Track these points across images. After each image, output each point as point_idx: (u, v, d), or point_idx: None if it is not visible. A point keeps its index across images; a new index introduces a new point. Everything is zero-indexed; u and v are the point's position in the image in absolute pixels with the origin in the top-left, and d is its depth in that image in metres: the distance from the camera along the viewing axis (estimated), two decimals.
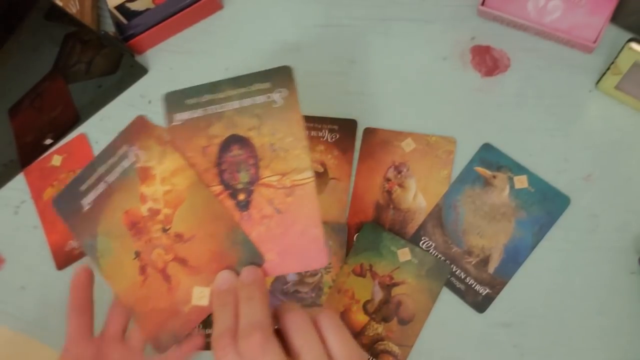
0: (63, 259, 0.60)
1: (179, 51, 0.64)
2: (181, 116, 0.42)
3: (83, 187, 0.42)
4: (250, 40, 0.62)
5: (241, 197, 0.40)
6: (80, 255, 0.60)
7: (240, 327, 0.35)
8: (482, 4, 0.55)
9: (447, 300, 0.52)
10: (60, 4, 0.57)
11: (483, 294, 0.52)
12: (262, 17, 0.63)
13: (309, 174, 0.40)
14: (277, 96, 0.41)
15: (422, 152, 0.55)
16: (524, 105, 0.55)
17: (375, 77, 0.59)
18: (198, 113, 0.42)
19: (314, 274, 0.55)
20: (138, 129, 0.42)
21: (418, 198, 0.55)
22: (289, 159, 0.40)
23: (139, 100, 0.63)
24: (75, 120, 0.63)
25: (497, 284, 0.52)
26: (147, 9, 0.61)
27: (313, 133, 0.57)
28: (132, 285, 0.41)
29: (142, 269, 0.40)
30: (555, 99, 0.55)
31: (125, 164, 0.41)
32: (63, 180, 0.62)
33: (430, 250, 0.53)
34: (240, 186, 0.40)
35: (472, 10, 0.58)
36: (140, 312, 0.41)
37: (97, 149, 0.62)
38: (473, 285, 0.52)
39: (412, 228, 0.54)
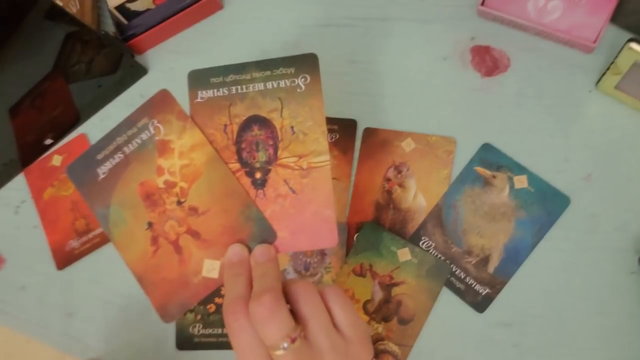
0: (63, 259, 0.60)
1: (179, 51, 0.64)
2: (204, 94, 0.43)
3: (100, 156, 0.42)
4: (250, 40, 0.62)
5: (258, 175, 0.41)
6: (81, 255, 0.60)
7: (252, 293, 0.36)
8: (482, 4, 0.55)
9: (447, 300, 0.52)
10: (60, 4, 0.57)
11: (483, 294, 0.52)
12: (262, 17, 0.63)
13: (325, 158, 0.41)
14: (301, 82, 0.42)
15: (422, 152, 0.56)
16: (523, 105, 0.55)
17: (375, 77, 0.59)
18: (221, 92, 0.42)
19: (314, 273, 0.55)
20: (160, 103, 0.43)
21: (418, 198, 0.55)
22: (308, 142, 0.41)
23: (139, 100, 0.62)
24: (76, 120, 0.63)
25: (497, 283, 0.52)
26: (148, 9, 0.61)
27: None
28: (143, 255, 0.41)
29: (154, 240, 0.41)
30: (555, 99, 0.55)
31: (145, 136, 0.42)
32: (63, 180, 0.62)
33: (430, 250, 0.53)
34: (257, 165, 0.41)
35: (472, 10, 0.58)
36: (149, 281, 0.41)
37: None
38: (473, 285, 0.52)
39: (412, 228, 0.54)
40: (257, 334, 0.34)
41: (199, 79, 0.43)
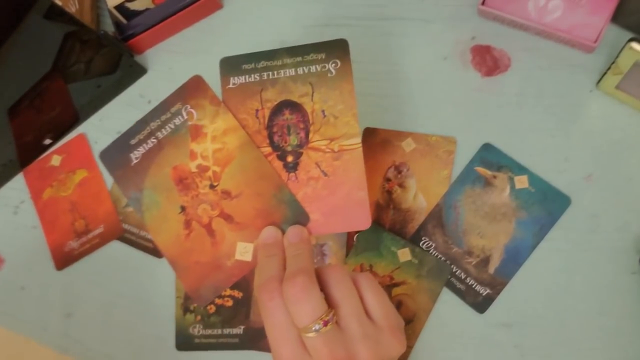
0: (62, 259, 0.60)
1: (178, 51, 0.63)
2: (237, 80, 0.44)
3: (133, 141, 0.43)
4: (250, 40, 0.62)
5: (290, 159, 0.42)
6: (80, 255, 0.60)
7: (286, 274, 0.36)
8: (483, 3, 0.55)
9: (448, 300, 0.52)
10: (59, 3, 0.57)
11: (483, 295, 0.52)
12: (262, 17, 0.62)
13: (357, 140, 0.42)
14: (332, 66, 0.43)
15: (422, 152, 0.55)
16: (524, 105, 0.55)
17: (375, 77, 0.58)
18: (253, 78, 0.43)
19: None
20: (193, 88, 0.44)
21: (418, 198, 0.55)
22: (339, 125, 0.42)
23: (138, 100, 0.63)
24: (75, 120, 0.63)
25: (497, 284, 0.52)
26: (147, 9, 0.61)
27: None
28: (176, 239, 0.42)
29: (187, 223, 0.42)
30: (556, 98, 0.55)
31: (178, 121, 0.43)
32: (63, 181, 0.62)
33: (431, 251, 0.53)
34: (289, 148, 0.42)
35: (472, 10, 0.58)
36: (182, 265, 0.42)
37: (97, 148, 0.62)
38: (473, 286, 0.52)
39: (412, 228, 0.54)
40: (290, 315, 0.34)
41: (230, 65, 0.44)
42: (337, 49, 0.44)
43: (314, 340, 0.34)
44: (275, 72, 0.43)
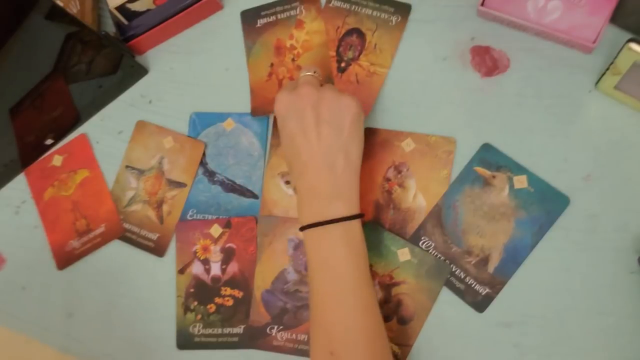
0: (64, 259, 0.60)
1: (179, 51, 0.64)
2: (335, 3, 0.61)
3: (263, 12, 0.62)
4: None
5: (343, 64, 0.59)
6: (81, 255, 0.60)
7: None
8: (482, 4, 0.55)
9: (447, 300, 0.53)
10: (61, 4, 0.58)
11: (483, 294, 0.52)
12: None
13: (386, 70, 0.58)
14: (394, 19, 0.59)
15: (422, 152, 0.56)
16: (523, 105, 0.55)
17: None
18: (345, 5, 0.61)
19: None
20: None
21: (418, 198, 0.55)
22: (380, 57, 0.59)
23: (139, 100, 0.63)
24: (76, 120, 0.63)
25: (496, 283, 0.52)
26: (148, 10, 0.61)
27: None
28: (260, 79, 0.61)
29: (270, 74, 0.61)
30: (555, 99, 0.55)
31: (291, 12, 0.62)
32: (64, 180, 0.62)
33: (430, 250, 0.53)
34: (345, 58, 0.59)
35: (472, 10, 0.58)
36: (257, 94, 0.61)
37: (98, 148, 0.63)
38: (473, 285, 0.52)
39: (411, 228, 0.54)
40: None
41: None
42: (402, 9, 0.59)
43: (302, 79, 0.51)
44: (360, 7, 0.60)
